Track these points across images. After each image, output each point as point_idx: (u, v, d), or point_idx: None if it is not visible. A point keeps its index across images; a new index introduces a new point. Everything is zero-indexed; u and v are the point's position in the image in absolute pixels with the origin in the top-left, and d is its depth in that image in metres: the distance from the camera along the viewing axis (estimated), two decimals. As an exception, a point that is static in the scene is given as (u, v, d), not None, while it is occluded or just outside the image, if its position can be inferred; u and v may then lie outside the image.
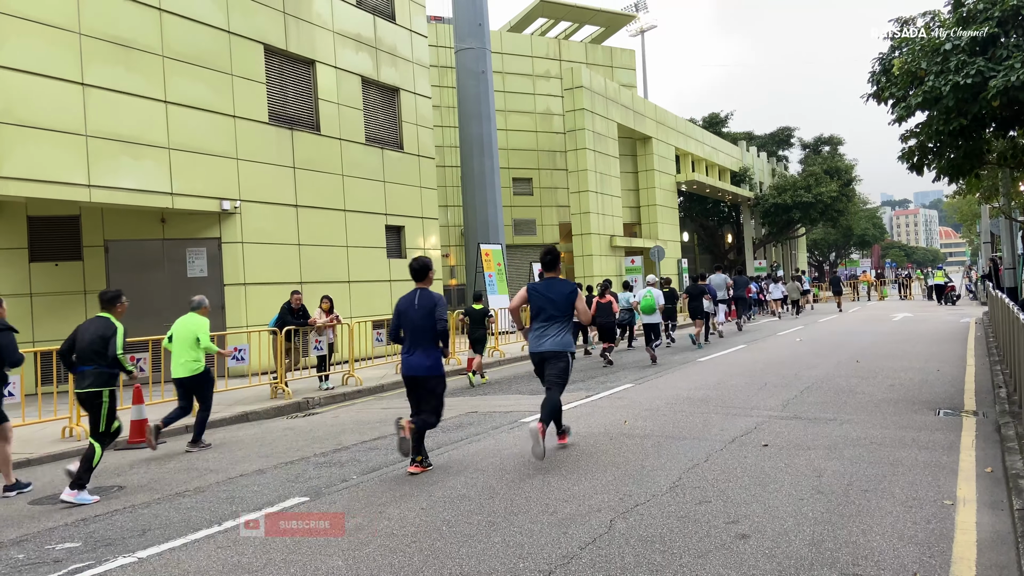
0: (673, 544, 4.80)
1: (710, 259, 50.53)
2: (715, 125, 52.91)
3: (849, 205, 51.95)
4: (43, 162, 12.32)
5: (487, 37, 26.82)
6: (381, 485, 6.68)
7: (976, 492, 5.68)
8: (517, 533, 5.15)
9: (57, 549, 5.45)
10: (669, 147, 37.95)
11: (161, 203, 14.28)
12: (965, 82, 8.48)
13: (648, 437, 8.05)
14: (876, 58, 10.41)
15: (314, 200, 17.69)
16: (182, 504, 6.48)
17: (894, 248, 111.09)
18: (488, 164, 26.32)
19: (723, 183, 45.05)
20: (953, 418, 8.50)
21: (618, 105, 32.77)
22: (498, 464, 7.17)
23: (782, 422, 8.52)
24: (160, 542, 5.40)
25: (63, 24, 12.78)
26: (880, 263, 68.43)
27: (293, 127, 17.40)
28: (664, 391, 11.36)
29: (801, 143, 61.08)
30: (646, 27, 59.12)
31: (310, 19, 18.05)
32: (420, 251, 21.21)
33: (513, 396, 11.97)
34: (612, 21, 39.38)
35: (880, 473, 6.26)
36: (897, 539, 4.74)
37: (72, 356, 7.21)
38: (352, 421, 10.43)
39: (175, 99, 14.60)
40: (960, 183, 11.83)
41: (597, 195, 30.19)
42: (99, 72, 13.25)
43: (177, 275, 15.50)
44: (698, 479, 6.28)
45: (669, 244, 36.26)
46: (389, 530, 5.37)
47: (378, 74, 20.18)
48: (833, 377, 11.94)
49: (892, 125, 10.10)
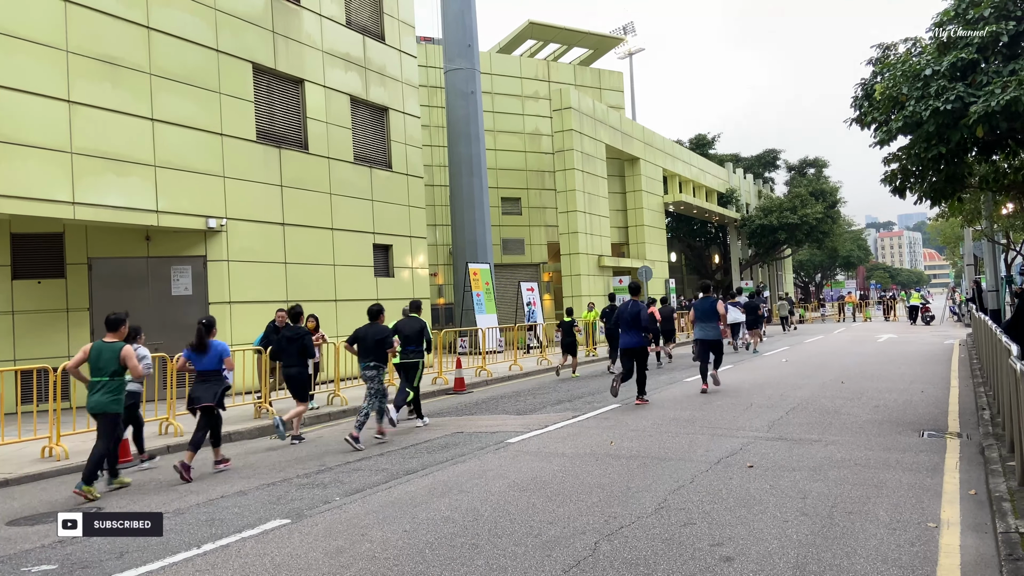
0: (657, 567, 4.77)
1: (697, 279, 50.70)
2: (702, 147, 53.30)
3: (834, 227, 52.33)
4: (27, 179, 12.24)
5: (476, 58, 26.99)
6: (364, 507, 6.61)
7: (960, 515, 5.69)
8: (501, 556, 5.10)
9: (33, 572, 5.35)
10: (657, 168, 38.20)
11: (146, 221, 14.21)
12: (945, 108, 8.59)
13: (634, 458, 8.02)
14: (859, 83, 10.55)
15: (301, 218, 17.66)
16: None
17: (879, 269, 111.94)
18: (477, 184, 26.38)
19: (710, 204, 45.35)
20: (937, 440, 8.53)
21: (606, 126, 32.99)
22: (483, 486, 7.12)
23: (767, 443, 8.52)
24: (137, 565, 5.31)
25: (50, 41, 12.75)
26: (865, 284, 68.92)
27: (281, 145, 17.40)
28: (651, 411, 11.34)
29: (787, 165, 61.63)
30: (634, 50, 59.79)
31: (299, 38, 18.11)
32: (408, 270, 21.18)
33: (500, 416, 11.91)
34: (600, 44, 39.73)
35: (864, 495, 6.26)
36: (881, 562, 4.73)
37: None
38: (336, 441, 10.33)
39: (162, 117, 14.57)
40: (942, 206, 11.94)
41: (585, 215, 30.30)
42: (85, 89, 13.22)
43: (162, 293, 15.40)
44: (683, 500, 6.26)
45: (657, 264, 36.38)
46: (371, 553, 5.31)
47: (367, 93, 20.24)
48: (818, 398, 11.97)
49: (873, 148, 10.22)
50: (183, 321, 14.13)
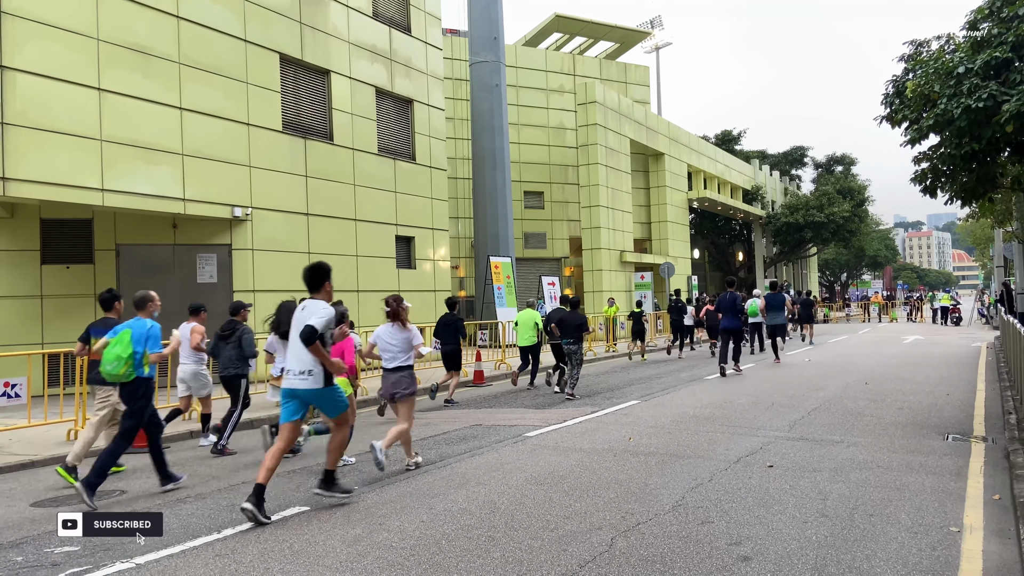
0: (674, 564, 4.75)
1: (720, 277, 50.35)
2: (728, 143, 52.83)
3: (861, 226, 51.67)
4: (58, 165, 12.42)
5: (502, 51, 26.94)
6: (382, 496, 6.65)
7: (983, 520, 5.61)
8: (517, 549, 5.11)
9: (56, 552, 5.44)
10: (681, 164, 37.94)
11: (173, 209, 14.37)
12: (977, 105, 8.42)
13: (652, 455, 7.99)
14: (890, 80, 10.39)
15: (325, 209, 17.76)
16: (183, 510, 6.47)
17: (906, 270, 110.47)
18: (500, 177, 26.37)
19: (735, 201, 44.94)
20: (962, 443, 8.41)
21: (631, 121, 32.81)
22: (500, 479, 7.13)
23: (788, 443, 8.45)
24: (159, 548, 5.39)
25: (81, 30, 12.91)
26: (892, 285, 68.03)
27: (306, 136, 17.50)
28: (670, 408, 11.29)
29: (814, 162, 60.97)
30: (661, 44, 59.27)
31: (326, 29, 18.19)
32: (430, 262, 21.24)
33: (518, 410, 11.93)
34: (627, 38, 39.46)
35: (886, 497, 6.19)
36: (902, 566, 4.67)
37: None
38: (356, 431, 10.38)
39: (190, 106, 14.71)
40: (973, 206, 11.74)
41: (608, 210, 30.18)
42: (116, 78, 13.38)
43: (187, 280, 15.57)
44: (701, 499, 6.23)
45: (679, 261, 36.17)
46: (388, 542, 5.34)
47: (392, 85, 20.29)
48: (841, 399, 11.84)
49: (904, 147, 10.06)
50: (209, 309, 14.25)
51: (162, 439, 7.58)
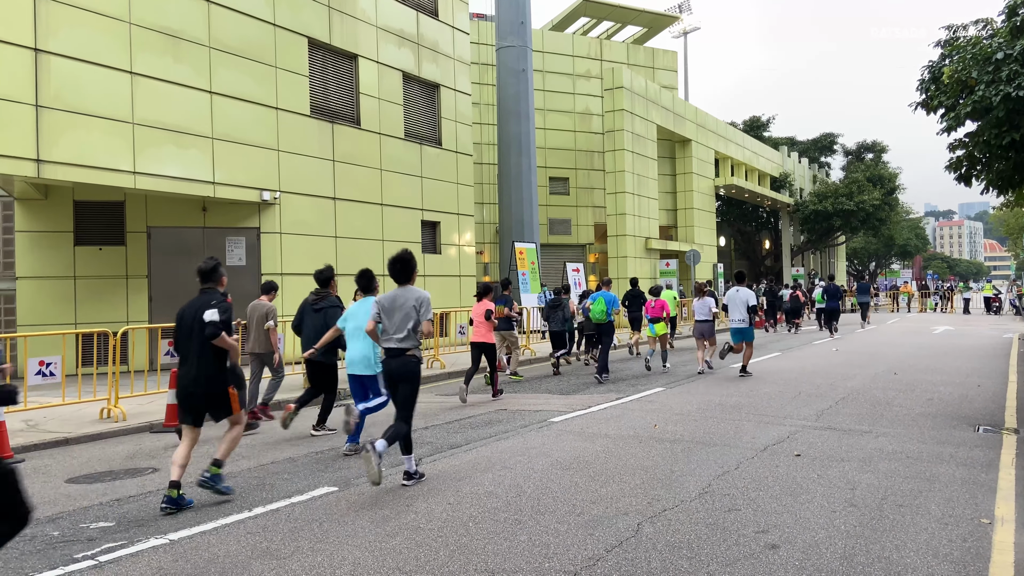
0: (701, 551, 4.75)
1: (747, 265, 49.92)
2: (756, 129, 52.18)
3: (891, 214, 50.87)
4: (90, 148, 12.60)
5: (529, 35, 26.77)
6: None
7: (1015, 512, 5.54)
8: (543, 532, 5.14)
9: (91, 528, 5.57)
10: (708, 150, 37.56)
11: (203, 192, 14.53)
12: (1017, 94, 8.26)
13: (678, 442, 7.98)
14: (926, 66, 10.20)
15: (352, 193, 17.85)
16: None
17: (936, 259, 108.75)
18: (525, 162, 26.29)
19: (762, 188, 44.42)
20: (993, 435, 8.30)
21: (658, 107, 32.52)
22: (526, 463, 7.16)
23: (816, 432, 8.40)
24: (192, 525, 5.50)
25: (114, 13, 13.05)
26: (922, 274, 67.02)
27: (334, 120, 17.57)
28: (695, 396, 11.26)
29: (844, 150, 60.00)
30: (689, 29, 58.56)
31: (354, 14, 18.20)
32: (455, 247, 21.28)
33: (543, 395, 11.96)
34: (655, 22, 39.02)
35: (916, 488, 6.13)
36: (931, 556, 4.64)
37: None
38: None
39: (220, 90, 14.83)
40: (1009, 195, 11.50)
41: (634, 197, 29.99)
42: (147, 61, 13.51)
43: (216, 263, 15.73)
44: (728, 486, 6.21)
45: (705, 248, 35.91)
46: (416, 523, 5.40)
47: (419, 70, 20.28)
48: (870, 389, 11.73)
49: (941, 135, 9.89)
50: (237, 291, 14.43)
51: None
